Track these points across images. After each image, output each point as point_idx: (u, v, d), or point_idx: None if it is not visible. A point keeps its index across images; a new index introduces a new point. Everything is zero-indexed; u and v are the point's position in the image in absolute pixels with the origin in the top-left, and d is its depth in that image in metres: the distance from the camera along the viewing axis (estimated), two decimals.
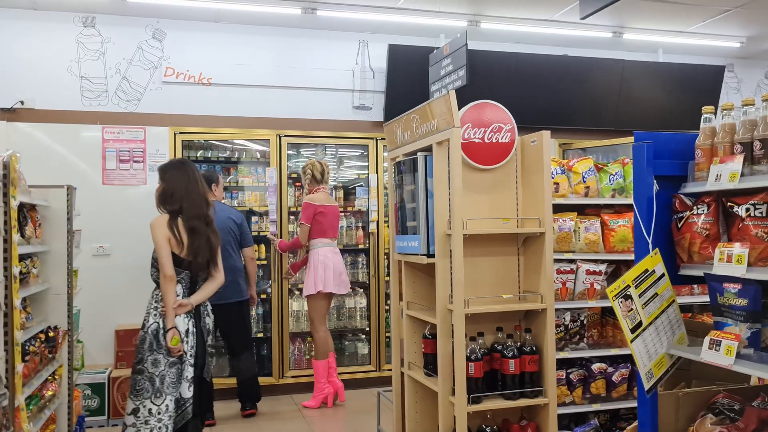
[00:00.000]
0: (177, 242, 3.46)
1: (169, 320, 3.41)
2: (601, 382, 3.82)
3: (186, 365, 3.42)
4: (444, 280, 3.20)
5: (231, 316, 4.86)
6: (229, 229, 4.84)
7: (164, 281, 3.43)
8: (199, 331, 3.56)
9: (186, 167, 3.67)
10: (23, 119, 5.52)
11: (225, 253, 4.65)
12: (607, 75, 6.71)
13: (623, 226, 3.86)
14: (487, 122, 3.38)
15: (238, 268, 4.91)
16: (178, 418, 3.41)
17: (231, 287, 4.70)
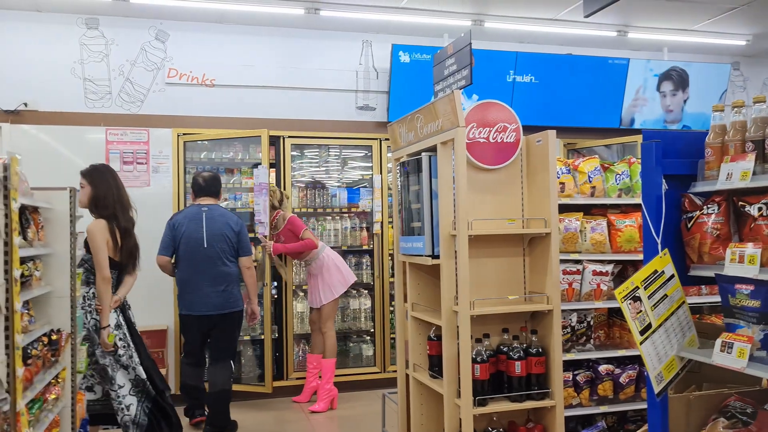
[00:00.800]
0: (114, 246, 3.88)
1: (105, 319, 3.83)
2: (609, 383, 3.79)
3: (127, 352, 3.91)
4: (449, 282, 3.17)
5: (220, 325, 4.61)
6: (225, 237, 4.59)
7: (102, 282, 3.82)
8: (127, 320, 4.03)
9: (112, 171, 4.12)
10: (27, 121, 5.51)
11: (218, 261, 4.58)
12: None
13: (630, 226, 3.82)
14: (492, 122, 3.35)
15: (232, 278, 4.64)
16: (141, 396, 3.95)
17: (223, 296, 4.57)
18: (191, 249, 4.58)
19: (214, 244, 4.58)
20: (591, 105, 6.69)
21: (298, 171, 6.19)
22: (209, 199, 4.75)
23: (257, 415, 5.23)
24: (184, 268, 4.62)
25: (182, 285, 4.65)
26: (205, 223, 4.60)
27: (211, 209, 4.68)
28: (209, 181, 4.78)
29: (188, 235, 4.59)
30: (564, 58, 6.60)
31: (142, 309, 5.51)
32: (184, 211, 4.80)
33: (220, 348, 4.71)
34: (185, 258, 4.61)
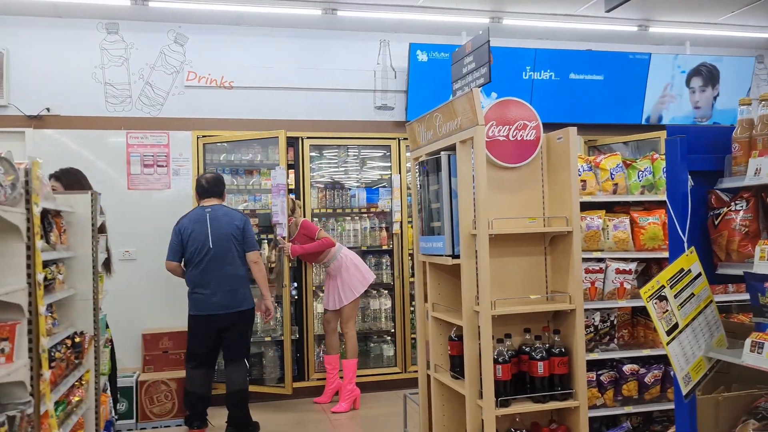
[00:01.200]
0: None
1: None
2: (633, 383, 3.73)
3: None
4: (470, 281, 3.14)
5: (229, 325, 4.63)
6: (230, 235, 4.63)
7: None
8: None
9: (83, 174, 4.20)
10: (50, 126, 5.58)
11: (224, 261, 4.61)
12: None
13: (653, 224, 3.76)
14: (512, 119, 3.31)
15: (240, 277, 4.67)
16: None
17: (230, 296, 4.60)
18: (197, 250, 4.63)
19: (219, 244, 4.62)
20: (612, 101, 6.61)
21: (317, 172, 6.19)
22: (213, 200, 4.79)
23: (278, 416, 5.24)
24: (191, 269, 4.67)
25: (191, 286, 4.70)
26: (210, 223, 4.65)
27: (214, 209, 4.72)
28: (212, 182, 4.81)
29: (194, 237, 4.64)
30: (584, 54, 6.53)
31: (163, 312, 5.61)
32: (189, 215, 4.81)
33: (233, 348, 4.73)
34: (192, 260, 4.65)
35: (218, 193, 4.83)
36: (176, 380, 5.08)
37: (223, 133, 5.79)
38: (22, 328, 2.41)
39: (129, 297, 5.57)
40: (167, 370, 5.29)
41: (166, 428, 5.07)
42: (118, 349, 5.50)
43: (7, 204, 2.31)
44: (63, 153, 5.54)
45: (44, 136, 5.55)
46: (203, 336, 4.68)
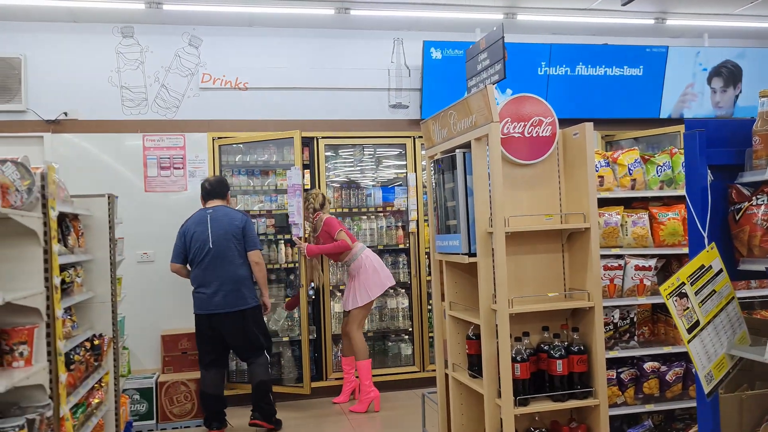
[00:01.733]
0: None
1: None
2: (654, 381, 3.68)
3: None
4: (487, 280, 3.12)
5: (233, 324, 4.70)
6: (231, 236, 4.70)
7: None
8: None
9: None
10: (67, 130, 5.63)
11: (225, 260, 4.68)
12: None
13: (673, 219, 3.71)
14: (527, 116, 3.28)
15: (240, 276, 4.72)
16: None
17: (231, 296, 4.67)
18: (199, 251, 4.72)
19: (219, 244, 4.70)
20: (629, 95, 6.54)
21: (333, 171, 6.19)
22: (216, 201, 4.86)
23: (297, 415, 5.24)
24: (194, 269, 4.77)
25: (195, 285, 4.79)
26: (210, 224, 4.73)
27: (215, 210, 4.79)
28: (215, 184, 4.89)
29: (196, 238, 4.73)
30: (600, 48, 6.46)
31: (181, 313, 5.63)
32: (192, 217, 4.87)
33: (242, 348, 4.81)
34: (195, 260, 4.75)
35: (221, 194, 4.90)
36: (195, 381, 5.11)
37: (239, 134, 5.81)
38: (40, 332, 2.43)
39: (148, 298, 5.61)
40: (186, 370, 5.32)
41: (186, 429, 5.09)
42: (137, 350, 5.57)
43: (23, 209, 2.33)
44: (81, 157, 5.59)
45: (62, 141, 5.60)
46: (207, 334, 4.76)
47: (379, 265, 5.43)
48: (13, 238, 2.40)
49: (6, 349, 2.33)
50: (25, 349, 2.33)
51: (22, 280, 2.42)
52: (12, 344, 2.32)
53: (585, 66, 6.38)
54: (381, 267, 5.43)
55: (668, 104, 6.66)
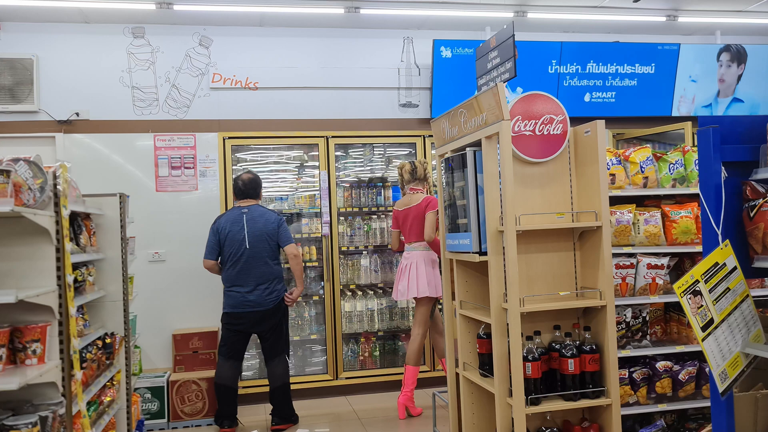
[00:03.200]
0: None
1: None
2: (667, 380, 3.65)
3: None
4: (497, 279, 3.10)
5: (266, 321, 4.79)
6: (266, 235, 4.76)
7: None
8: None
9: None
10: (79, 130, 5.66)
11: (260, 260, 4.75)
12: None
13: (686, 217, 3.68)
14: (538, 114, 3.27)
15: (274, 275, 4.81)
16: None
17: (265, 294, 4.75)
18: (234, 250, 4.76)
19: (255, 244, 4.76)
20: (641, 93, 6.50)
21: (343, 171, 6.19)
22: (249, 201, 4.91)
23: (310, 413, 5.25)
24: (229, 268, 4.80)
25: (227, 285, 4.82)
26: (246, 224, 4.78)
27: (251, 210, 4.84)
28: (248, 184, 4.92)
29: (231, 237, 4.77)
30: (611, 45, 6.42)
31: (193, 312, 5.67)
32: (226, 215, 4.92)
33: (272, 345, 4.87)
34: (230, 259, 4.78)
35: (255, 194, 4.94)
36: (206, 380, 5.13)
37: (250, 133, 5.81)
38: (53, 330, 2.44)
39: (159, 298, 5.64)
40: (197, 369, 5.34)
41: (197, 428, 5.11)
42: (149, 349, 5.59)
43: (36, 207, 2.34)
44: (93, 157, 5.63)
45: (74, 141, 5.64)
46: (237, 332, 4.82)
47: (401, 272, 5.24)
48: (26, 237, 2.41)
49: (19, 346, 2.35)
50: (38, 347, 2.34)
51: (35, 279, 2.43)
52: (25, 342, 2.33)
53: (596, 64, 6.35)
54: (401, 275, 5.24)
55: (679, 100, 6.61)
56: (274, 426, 4.87)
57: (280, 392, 4.88)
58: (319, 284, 5.89)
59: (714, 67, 6.62)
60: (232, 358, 4.84)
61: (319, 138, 5.83)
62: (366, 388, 5.78)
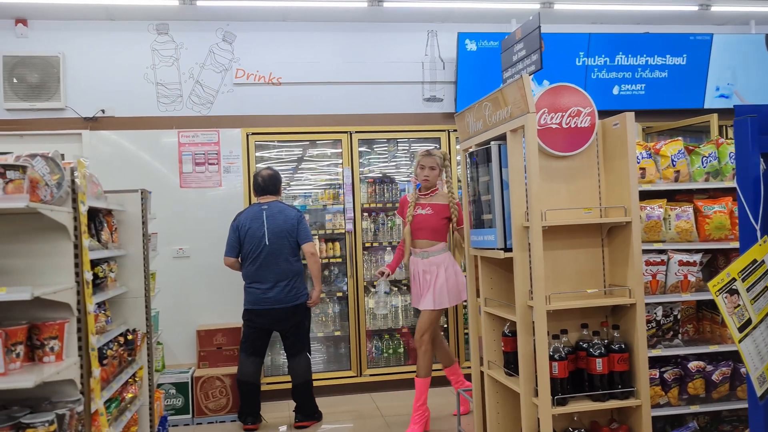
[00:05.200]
0: None
1: None
2: (700, 381, 3.53)
3: None
4: (523, 275, 3.02)
5: (287, 319, 4.78)
6: (286, 233, 4.74)
7: None
8: None
9: None
10: (105, 127, 5.70)
11: (280, 257, 4.74)
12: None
13: (719, 212, 3.55)
14: (565, 106, 3.18)
15: (294, 271, 4.77)
16: None
17: (286, 291, 4.73)
18: (254, 247, 4.76)
19: (275, 241, 4.74)
20: (672, 85, 6.33)
21: (367, 166, 6.14)
22: (269, 197, 4.89)
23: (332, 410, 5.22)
24: (248, 265, 4.79)
25: (248, 282, 4.82)
26: (266, 221, 4.77)
27: (270, 206, 4.82)
28: (268, 180, 4.90)
29: (251, 234, 4.76)
30: (641, 36, 6.26)
31: (217, 308, 5.67)
32: (246, 211, 4.92)
33: (293, 342, 4.85)
34: (250, 256, 4.77)
35: (275, 190, 4.92)
36: (230, 376, 5.12)
37: (273, 129, 5.79)
38: (71, 327, 2.43)
39: (183, 294, 5.65)
40: (221, 365, 5.34)
41: (221, 423, 5.11)
42: (173, 345, 5.61)
43: (53, 203, 2.33)
44: (118, 153, 5.66)
45: (100, 138, 5.67)
46: (258, 329, 4.82)
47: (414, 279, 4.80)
48: (43, 233, 2.40)
49: (37, 343, 2.34)
50: (56, 344, 2.33)
51: (53, 275, 2.42)
52: (43, 339, 2.32)
53: (625, 55, 6.20)
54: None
55: (713, 94, 6.42)
56: (298, 423, 4.85)
57: (303, 389, 4.87)
58: (342, 280, 5.85)
59: (749, 57, 6.41)
60: (253, 354, 4.83)
61: (343, 134, 5.79)
62: (390, 385, 5.72)
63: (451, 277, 4.59)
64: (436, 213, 4.63)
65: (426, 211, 4.63)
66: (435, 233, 4.62)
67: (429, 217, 4.61)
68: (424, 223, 4.61)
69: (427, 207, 4.64)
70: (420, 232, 4.61)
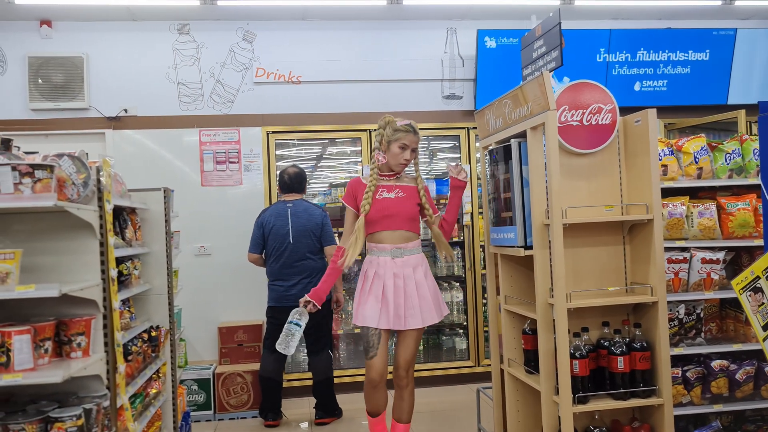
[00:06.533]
0: None
1: None
2: (723, 380, 3.50)
3: None
4: (543, 273, 3.02)
5: (309, 317, 4.78)
6: (309, 231, 4.77)
7: None
8: None
9: None
10: (127, 127, 5.77)
11: (303, 255, 4.76)
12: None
13: (743, 210, 3.51)
14: (585, 103, 3.17)
15: (317, 269, 4.76)
16: None
17: (308, 288, 4.66)
18: (278, 244, 4.79)
19: (299, 239, 4.77)
20: (694, 81, 6.26)
21: None
22: (294, 195, 4.93)
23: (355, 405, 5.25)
24: (272, 262, 4.83)
25: (271, 278, 4.86)
26: (291, 219, 4.80)
27: (295, 204, 4.86)
28: (294, 178, 4.93)
29: (275, 231, 4.79)
30: (662, 32, 6.20)
31: (238, 305, 5.72)
32: (271, 208, 4.95)
33: (314, 339, 4.86)
34: (273, 253, 4.81)
35: (300, 188, 4.95)
36: (251, 372, 5.17)
37: (293, 127, 5.82)
38: (97, 323, 2.48)
39: (205, 291, 5.71)
40: (243, 362, 5.39)
41: (243, 419, 5.16)
42: (195, 341, 5.68)
43: (80, 202, 2.37)
44: (141, 152, 5.72)
45: (123, 137, 5.74)
46: (279, 324, 4.76)
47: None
48: (70, 231, 2.45)
49: (65, 339, 2.39)
50: (83, 340, 2.38)
51: (80, 272, 2.47)
52: (70, 335, 2.37)
53: (647, 51, 6.14)
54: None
55: (736, 89, 6.34)
56: (318, 419, 4.89)
57: (324, 386, 4.89)
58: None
59: None
60: (276, 351, 4.86)
61: (362, 131, 5.81)
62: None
63: (431, 284, 3.53)
64: (408, 197, 3.51)
65: (395, 194, 3.50)
66: (412, 223, 3.51)
67: (401, 201, 3.48)
68: (394, 209, 3.45)
69: (395, 189, 3.51)
70: (389, 221, 3.45)
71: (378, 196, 3.48)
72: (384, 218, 3.46)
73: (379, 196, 3.48)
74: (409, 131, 3.59)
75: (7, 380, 2.13)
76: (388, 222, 3.46)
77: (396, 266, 3.44)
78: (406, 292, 3.43)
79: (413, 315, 3.43)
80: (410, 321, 3.44)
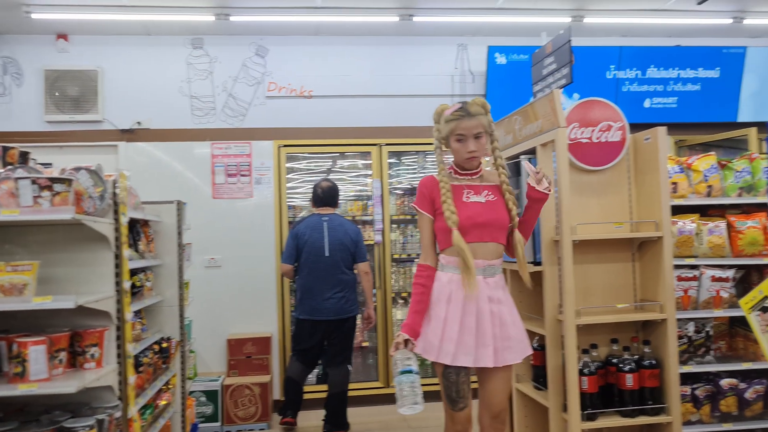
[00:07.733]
0: None
1: None
2: (732, 399, 3.49)
3: None
4: (552, 289, 3.03)
5: (338, 330, 4.80)
6: (344, 245, 4.78)
7: None
8: None
9: None
10: (140, 139, 5.83)
11: (337, 269, 4.77)
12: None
13: (753, 228, 3.52)
14: (595, 121, 3.19)
15: (350, 283, 4.81)
16: None
17: (342, 302, 4.75)
18: (313, 257, 4.77)
19: (334, 253, 4.77)
20: (704, 98, 6.27)
21: (395, 178, 6.19)
22: (328, 209, 4.93)
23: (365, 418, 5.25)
24: (305, 275, 4.80)
25: (303, 291, 4.81)
26: (327, 232, 4.80)
27: (331, 219, 4.88)
28: (327, 192, 4.95)
29: (311, 243, 4.78)
30: (672, 50, 6.23)
31: (247, 317, 5.74)
32: (306, 221, 4.93)
33: (338, 352, 4.86)
34: (307, 265, 4.78)
35: (333, 202, 4.98)
36: (259, 385, 5.18)
37: (304, 141, 5.87)
38: (110, 334, 2.51)
39: (215, 303, 5.73)
40: (251, 374, 5.40)
41: (250, 431, 5.18)
42: (204, 353, 5.70)
43: (96, 215, 2.41)
44: (153, 165, 5.78)
45: (136, 149, 5.81)
46: (311, 338, 4.83)
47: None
48: (86, 243, 2.49)
49: (79, 350, 2.42)
50: (96, 351, 2.41)
51: (94, 284, 2.50)
52: (84, 346, 2.40)
53: (657, 68, 6.16)
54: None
55: (746, 107, 6.34)
56: None
57: (337, 399, 4.87)
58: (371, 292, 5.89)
59: None
60: (304, 363, 4.89)
61: (373, 146, 5.85)
62: None
63: (514, 310, 2.82)
64: (500, 200, 2.77)
65: (485, 197, 2.76)
66: (502, 233, 2.76)
67: (494, 206, 2.74)
68: (487, 216, 2.71)
69: (484, 191, 2.78)
70: (481, 231, 2.70)
71: (465, 198, 2.73)
72: (473, 228, 2.67)
73: (466, 198, 2.73)
74: (460, 117, 2.80)
75: (22, 390, 2.17)
76: (479, 232, 2.68)
77: (489, 288, 2.69)
78: (502, 319, 2.70)
79: (509, 347, 2.69)
80: (507, 355, 2.68)
